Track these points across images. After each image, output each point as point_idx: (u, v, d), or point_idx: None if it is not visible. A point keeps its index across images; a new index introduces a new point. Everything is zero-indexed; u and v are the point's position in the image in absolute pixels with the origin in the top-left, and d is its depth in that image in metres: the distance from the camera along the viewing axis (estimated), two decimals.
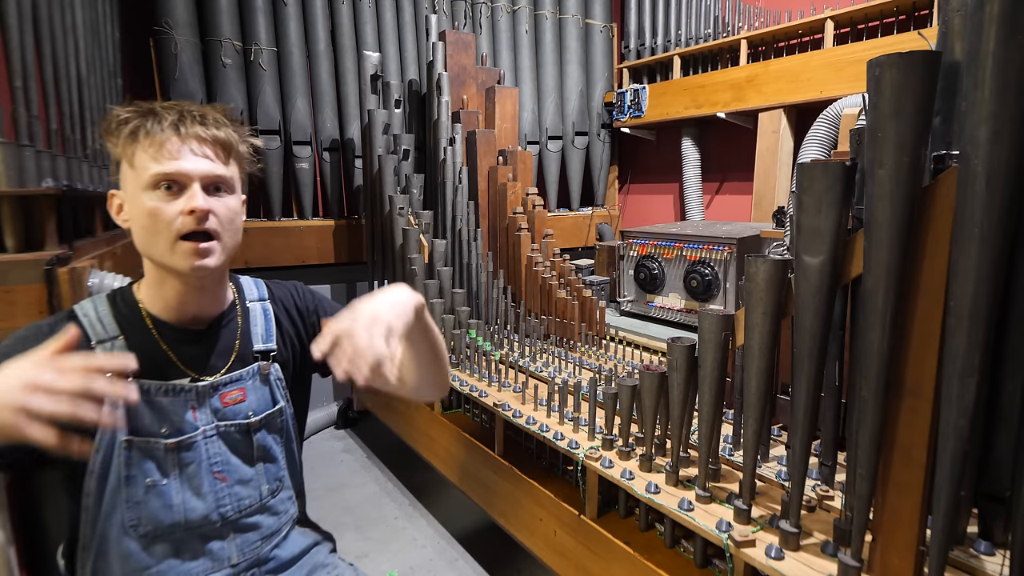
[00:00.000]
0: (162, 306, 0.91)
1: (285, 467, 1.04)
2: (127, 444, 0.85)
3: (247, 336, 1.01)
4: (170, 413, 0.89)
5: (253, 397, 0.98)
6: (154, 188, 0.83)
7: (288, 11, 2.96)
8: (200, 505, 0.91)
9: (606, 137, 3.90)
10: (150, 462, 0.87)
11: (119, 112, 0.85)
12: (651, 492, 1.23)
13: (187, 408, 0.91)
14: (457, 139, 2.68)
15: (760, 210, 2.94)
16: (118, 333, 0.87)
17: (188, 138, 0.84)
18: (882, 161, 0.80)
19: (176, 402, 0.90)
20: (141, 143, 0.83)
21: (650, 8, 3.56)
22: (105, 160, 2.13)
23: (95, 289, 1.32)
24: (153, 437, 0.87)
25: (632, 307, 2.72)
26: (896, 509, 0.89)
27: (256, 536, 0.98)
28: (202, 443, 0.92)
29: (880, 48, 2.36)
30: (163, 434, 0.88)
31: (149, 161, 0.82)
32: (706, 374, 1.12)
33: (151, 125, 0.83)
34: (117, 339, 0.87)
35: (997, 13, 0.67)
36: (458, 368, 2.12)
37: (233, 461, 0.95)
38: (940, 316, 0.80)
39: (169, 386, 0.89)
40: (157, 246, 0.84)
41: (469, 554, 2.14)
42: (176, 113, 0.84)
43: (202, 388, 0.92)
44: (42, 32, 1.56)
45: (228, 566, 0.94)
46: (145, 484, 0.86)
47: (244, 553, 0.96)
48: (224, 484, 0.94)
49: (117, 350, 0.86)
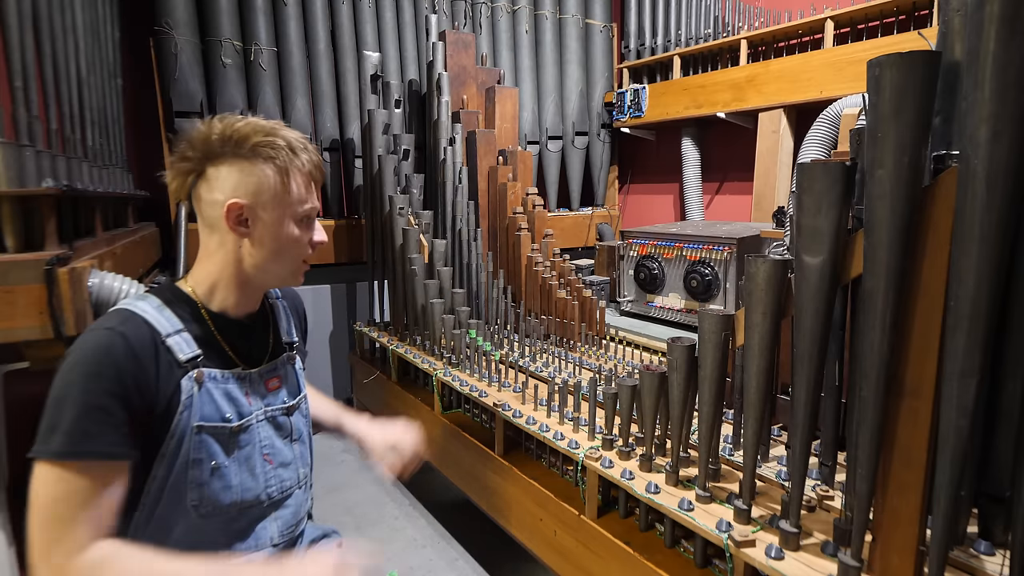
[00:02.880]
0: (219, 302, 0.98)
1: (310, 452, 1.13)
2: (198, 429, 0.90)
3: (276, 330, 1.10)
4: (233, 399, 0.96)
5: (286, 385, 1.07)
6: (300, 220, 0.95)
7: (288, 11, 2.97)
8: (253, 486, 0.98)
9: (606, 137, 3.90)
10: (216, 445, 0.92)
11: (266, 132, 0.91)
12: (651, 492, 1.23)
13: (243, 395, 0.98)
14: (457, 139, 2.68)
15: (760, 210, 2.94)
16: (181, 326, 0.92)
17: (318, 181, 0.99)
18: (882, 161, 0.80)
19: (235, 389, 0.97)
20: (293, 176, 0.93)
21: (650, 8, 3.56)
22: (105, 160, 2.13)
23: (95, 289, 1.32)
24: (220, 422, 0.93)
25: (632, 307, 2.72)
26: (896, 509, 0.89)
27: (292, 518, 1.06)
28: (256, 426, 0.99)
29: (880, 48, 2.36)
30: (227, 419, 0.94)
31: (303, 194, 0.95)
32: (706, 374, 1.12)
33: (301, 161, 0.93)
34: (182, 331, 0.91)
35: (997, 13, 0.67)
36: (458, 368, 2.12)
37: (278, 444, 1.03)
38: (940, 316, 0.80)
39: (230, 374, 0.97)
40: (285, 265, 0.97)
41: (469, 554, 2.14)
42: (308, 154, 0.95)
43: (252, 376, 1.00)
44: (42, 32, 1.56)
45: (270, 545, 1.01)
46: (210, 467, 0.92)
47: (283, 534, 1.03)
48: (271, 466, 1.01)
49: (185, 341, 0.91)
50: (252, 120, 0.92)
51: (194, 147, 0.90)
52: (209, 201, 0.91)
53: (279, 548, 1.03)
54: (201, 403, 0.90)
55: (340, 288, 3.41)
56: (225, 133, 0.89)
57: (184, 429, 0.89)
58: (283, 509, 1.03)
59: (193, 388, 0.89)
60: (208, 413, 0.91)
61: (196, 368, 0.90)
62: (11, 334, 1.20)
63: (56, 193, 1.37)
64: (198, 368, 0.90)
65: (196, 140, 0.90)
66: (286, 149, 0.91)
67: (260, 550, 1.00)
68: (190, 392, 0.89)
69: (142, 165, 3.03)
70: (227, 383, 0.95)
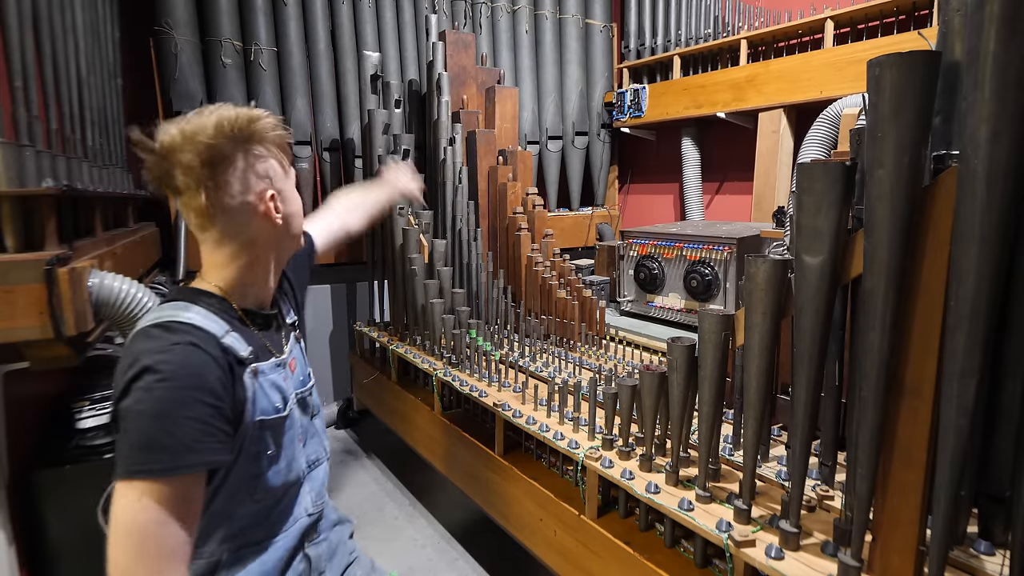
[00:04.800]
0: (241, 296, 0.98)
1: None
2: (259, 424, 0.92)
3: (282, 313, 1.12)
4: (280, 388, 0.99)
5: (299, 364, 1.10)
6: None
7: (288, 11, 2.96)
8: (296, 467, 1.01)
9: (606, 137, 3.90)
10: (270, 436, 0.95)
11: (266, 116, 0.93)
12: (651, 492, 1.23)
13: (284, 381, 1.00)
14: (457, 139, 2.67)
15: (760, 210, 2.94)
16: (228, 327, 0.92)
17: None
18: (882, 161, 0.80)
19: (279, 378, 0.99)
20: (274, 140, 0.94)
21: (650, 8, 3.56)
22: (105, 160, 2.13)
23: (95, 289, 1.32)
24: (275, 414, 0.96)
25: (632, 307, 2.72)
26: (896, 509, 0.89)
27: (321, 487, 1.11)
28: (294, 410, 1.02)
29: (880, 48, 2.36)
30: (279, 409, 0.97)
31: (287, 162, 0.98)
32: (706, 374, 1.12)
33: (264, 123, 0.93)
34: (230, 332, 0.91)
35: (997, 13, 0.67)
36: (458, 368, 2.12)
37: (304, 422, 1.06)
38: (940, 316, 0.80)
39: (273, 365, 0.99)
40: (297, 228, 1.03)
41: (469, 554, 2.14)
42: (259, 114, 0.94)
43: (283, 362, 1.03)
44: (42, 32, 1.56)
45: (306, 515, 1.05)
46: (267, 456, 0.94)
47: (315, 504, 1.08)
48: (302, 445, 1.05)
49: (236, 340, 0.91)
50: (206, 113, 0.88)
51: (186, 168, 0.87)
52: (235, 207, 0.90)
53: (312, 517, 1.06)
54: (259, 398, 0.93)
55: (340, 288, 3.41)
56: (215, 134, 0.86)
57: (248, 425, 0.90)
58: (313, 481, 1.08)
59: (254, 384, 0.92)
60: (265, 406, 0.94)
61: (252, 363, 0.92)
62: (11, 334, 1.20)
63: (56, 193, 1.37)
64: (254, 364, 0.93)
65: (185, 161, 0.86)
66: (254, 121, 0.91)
67: (298, 522, 1.03)
68: (252, 388, 0.91)
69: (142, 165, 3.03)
70: (274, 373, 0.98)
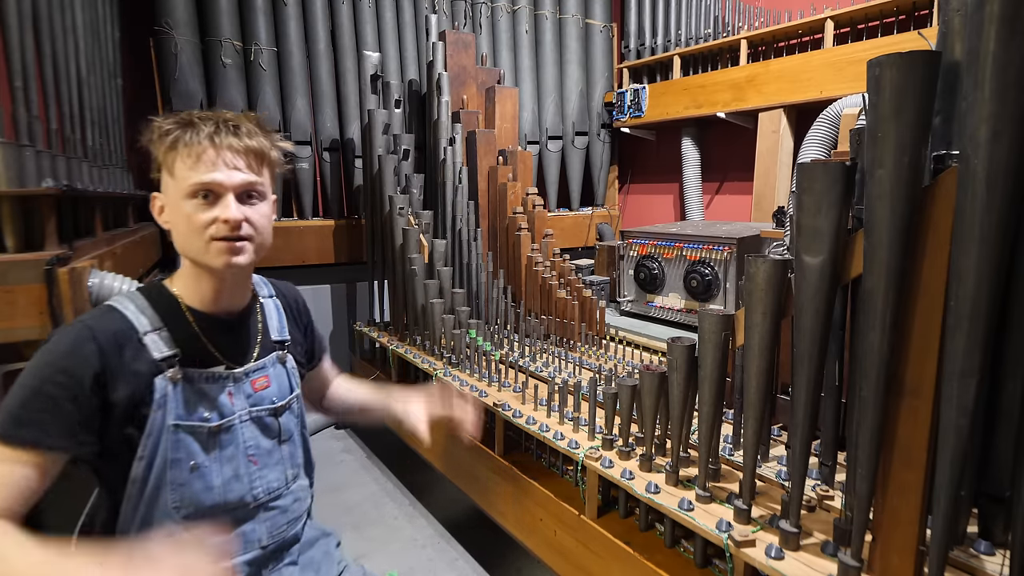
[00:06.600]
0: (199, 299, 0.97)
1: (302, 452, 1.12)
2: (175, 428, 0.90)
3: (267, 327, 1.08)
4: (212, 398, 0.95)
5: (275, 384, 1.06)
6: (192, 196, 0.89)
7: (288, 11, 2.96)
8: (237, 487, 0.97)
9: (606, 137, 3.90)
10: (195, 445, 0.92)
11: (161, 123, 0.91)
12: (651, 492, 1.23)
13: (225, 394, 0.97)
14: (457, 139, 2.68)
15: (760, 210, 2.94)
16: (161, 324, 0.92)
17: (222, 149, 0.89)
18: (882, 161, 0.80)
19: (215, 388, 0.96)
20: (180, 153, 0.88)
21: (650, 8, 3.56)
22: (106, 160, 2.13)
23: (95, 289, 1.32)
24: (198, 422, 0.92)
25: (632, 307, 2.72)
26: (896, 509, 0.89)
27: (283, 519, 1.04)
28: (239, 427, 0.98)
29: (880, 48, 2.36)
30: (206, 418, 0.93)
31: (187, 171, 0.88)
32: (706, 374, 1.12)
33: (189, 136, 0.88)
34: (161, 330, 0.92)
35: (997, 13, 0.67)
36: (458, 368, 2.12)
37: (264, 444, 1.02)
38: (940, 316, 0.80)
39: (209, 373, 0.95)
40: (193, 246, 0.91)
41: (469, 554, 2.13)
42: (212, 124, 0.89)
43: (237, 375, 0.99)
44: (42, 32, 1.56)
45: (259, 547, 1.00)
46: (189, 466, 0.91)
47: (272, 536, 1.02)
48: (256, 467, 1.00)
49: (162, 340, 0.91)
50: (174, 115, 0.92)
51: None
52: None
53: (269, 550, 1.02)
54: (177, 402, 0.90)
55: (340, 288, 3.41)
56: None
57: (160, 428, 0.89)
58: (271, 511, 1.02)
59: (167, 387, 0.89)
60: (184, 412, 0.91)
61: (172, 367, 0.90)
62: (11, 334, 1.20)
63: (56, 193, 1.37)
64: (174, 367, 0.90)
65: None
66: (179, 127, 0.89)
67: (248, 552, 0.98)
68: (164, 391, 0.89)
69: (142, 165, 3.03)
70: (207, 382, 0.95)
